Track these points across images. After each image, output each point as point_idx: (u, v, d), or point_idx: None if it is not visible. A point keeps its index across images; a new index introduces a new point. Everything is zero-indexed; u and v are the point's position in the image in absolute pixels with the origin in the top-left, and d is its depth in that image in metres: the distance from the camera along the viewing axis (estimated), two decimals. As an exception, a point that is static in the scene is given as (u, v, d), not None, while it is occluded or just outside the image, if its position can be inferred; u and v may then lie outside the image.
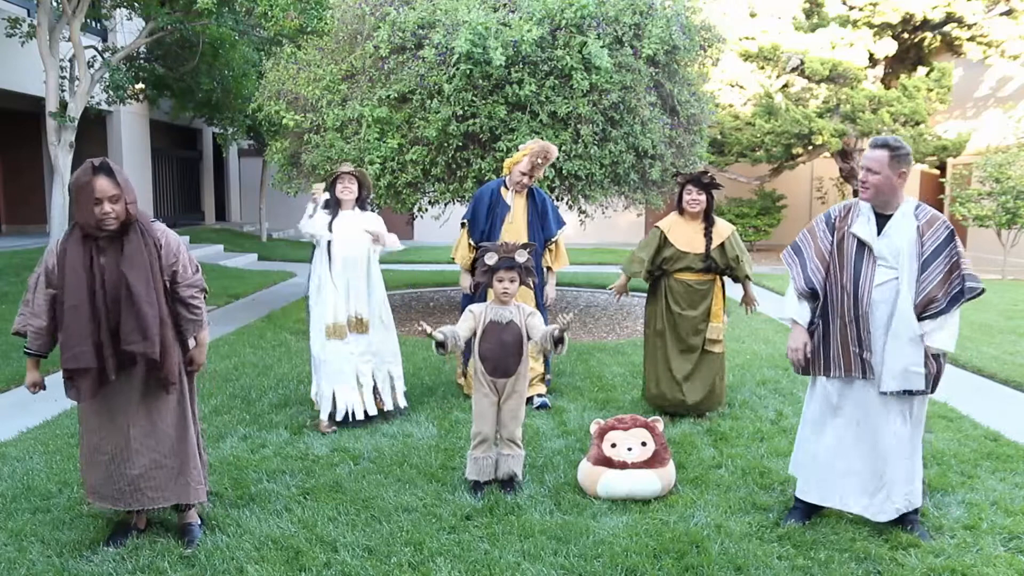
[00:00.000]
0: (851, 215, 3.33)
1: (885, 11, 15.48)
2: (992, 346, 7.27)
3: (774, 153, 16.17)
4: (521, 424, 3.80)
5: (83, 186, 2.86)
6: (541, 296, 5.22)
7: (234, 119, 14.45)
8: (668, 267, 4.86)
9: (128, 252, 2.93)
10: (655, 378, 4.95)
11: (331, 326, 4.66)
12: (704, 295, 4.86)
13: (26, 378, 3.21)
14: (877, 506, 3.29)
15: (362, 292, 4.75)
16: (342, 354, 4.69)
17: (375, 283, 4.83)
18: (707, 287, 4.87)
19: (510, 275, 3.67)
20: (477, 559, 3.07)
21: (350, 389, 4.70)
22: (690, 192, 4.80)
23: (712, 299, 4.88)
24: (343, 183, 4.71)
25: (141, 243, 2.96)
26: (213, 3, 8.78)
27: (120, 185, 2.89)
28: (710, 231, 4.80)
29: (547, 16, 7.01)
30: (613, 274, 13.16)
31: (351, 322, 4.73)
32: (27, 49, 10.84)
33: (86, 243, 2.93)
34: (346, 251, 4.66)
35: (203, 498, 3.24)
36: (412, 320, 8.73)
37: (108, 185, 2.87)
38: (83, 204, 2.87)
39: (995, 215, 13.20)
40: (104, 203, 2.86)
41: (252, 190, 21.33)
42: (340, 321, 4.68)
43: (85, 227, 2.91)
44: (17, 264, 10.30)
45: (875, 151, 3.23)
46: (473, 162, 7.27)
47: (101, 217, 2.87)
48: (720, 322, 4.87)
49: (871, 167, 3.22)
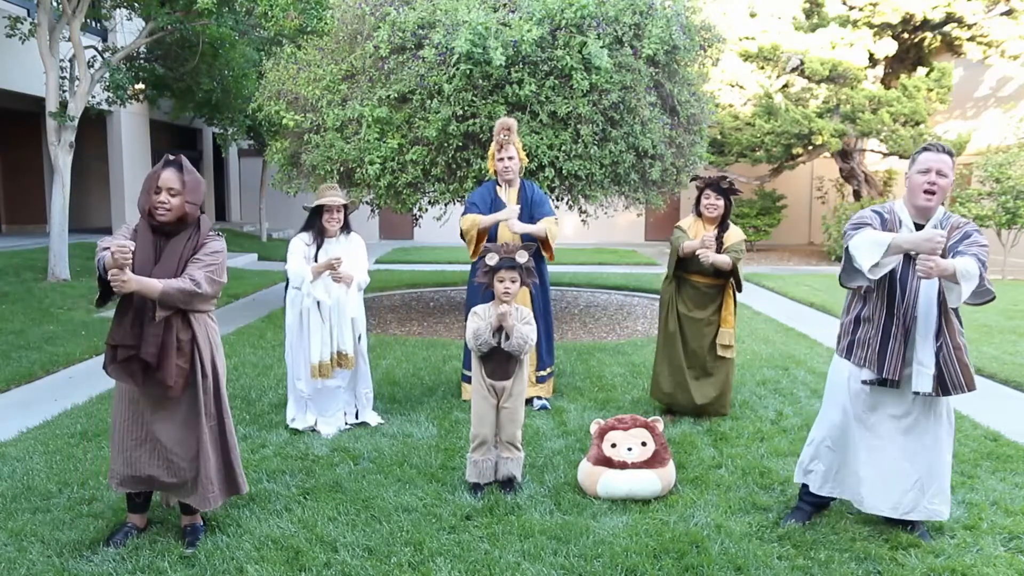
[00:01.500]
0: (894, 223, 3.20)
1: (885, 11, 15.48)
2: (992, 346, 7.27)
3: (774, 153, 16.17)
4: (520, 426, 3.80)
5: (152, 174, 3.03)
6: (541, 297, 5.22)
7: (234, 119, 14.45)
8: (682, 269, 4.90)
9: (169, 249, 3.01)
10: (665, 377, 4.95)
11: (316, 366, 4.55)
12: (713, 298, 4.88)
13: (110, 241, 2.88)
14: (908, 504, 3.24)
15: (346, 327, 4.61)
16: (329, 389, 4.64)
17: (358, 316, 4.71)
18: (715, 291, 4.89)
19: (511, 275, 3.69)
20: (477, 559, 3.07)
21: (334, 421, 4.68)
22: (708, 197, 4.82)
23: (722, 303, 4.89)
24: (329, 213, 4.55)
25: (183, 242, 3.03)
26: (213, 3, 8.78)
27: (184, 182, 3.01)
28: (721, 237, 4.82)
29: (547, 16, 7.01)
30: (613, 274, 13.20)
31: (334, 359, 4.60)
32: (27, 49, 10.84)
33: (153, 232, 3.04)
34: (331, 285, 4.50)
35: (213, 507, 3.21)
36: (412, 320, 8.73)
37: (172, 177, 3.00)
38: (145, 191, 3.02)
39: (995, 215, 13.21)
40: (163, 193, 2.98)
41: (252, 190, 21.34)
42: (325, 360, 4.57)
43: (144, 215, 3.03)
44: (17, 264, 10.31)
45: (943, 155, 3.10)
46: (473, 162, 7.26)
47: (156, 205, 2.98)
48: (731, 328, 4.89)
49: (943, 171, 3.09)
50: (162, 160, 3.05)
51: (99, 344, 6.90)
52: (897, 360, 3.15)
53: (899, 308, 3.15)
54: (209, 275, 3.02)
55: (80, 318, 8.21)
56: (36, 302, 8.63)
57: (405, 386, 5.63)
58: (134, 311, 2.98)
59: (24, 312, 8.16)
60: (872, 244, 3.00)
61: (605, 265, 15.45)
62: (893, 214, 3.22)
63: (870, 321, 3.24)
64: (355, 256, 4.63)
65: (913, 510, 3.25)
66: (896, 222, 3.20)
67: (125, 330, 2.97)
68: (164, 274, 2.97)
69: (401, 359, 6.53)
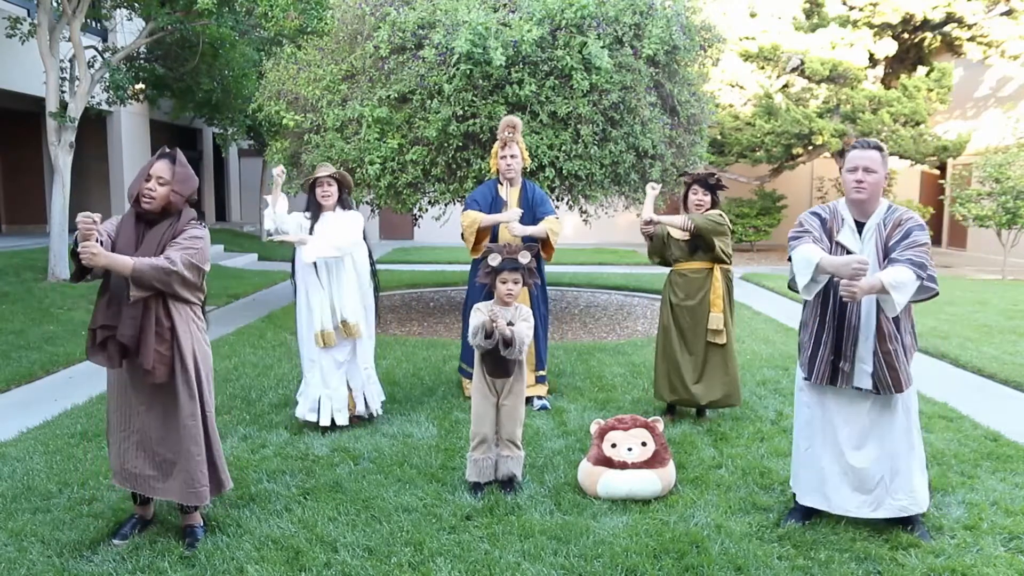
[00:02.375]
0: (835, 222, 3.27)
1: (885, 11, 15.49)
2: (992, 346, 7.27)
3: (774, 153, 16.18)
4: (520, 425, 3.80)
5: (146, 164, 3.13)
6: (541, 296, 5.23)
7: (234, 119, 14.45)
8: (670, 257, 4.94)
9: (150, 235, 3.09)
10: (664, 374, 4.95)
11: (319, 334, 4.59)
12: (700, 284, 4.86)
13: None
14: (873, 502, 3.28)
15: (347, 295, 4.63)
16: (331, 362, 4.66)
17: (365, 287, 4.75)
18: (702, 276, 4.87)
19: (513, 276, 3.69)
20: (477, 559, 3.07)
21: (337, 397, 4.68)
22: (696, 192, 4.86)
23: (710, 289, 4.87)
24: (321, 187, 4.62)
25: (163, 229, 3.10)
26: (213, 3, 8.78)
27: (174, 172, 3.10)
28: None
29: (547, 16, 7.01)
30: (613, 274, 13.20)
31: (339, 328, 4.63)
32: (27, 49, 10.84)
33: (137, 220, 3.12)
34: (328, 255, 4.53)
35: (202, 501, 3.21)
36: (412, 320, 8.73)
37: (163, 168, 3.09)
38: (136, 179, 3.11)
39: (995, 215, 13.21)
40: (152, 180, 3.07)
41: (252, 190, 21.33)
42: (328, 328, 4.60)
43: (130, 198, 3.10)
44: (17, 264, 10.30)
45: (869, 151, 3.18)
46: (473, 162, 7.26)
47: (143, 191, 3.06)
48: (720, 312, 4.86)
49: (869, 167, 3.17)
50: (158, 152, 3.17)
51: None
52: (824, 366, 3.25)
53: (831, 316, 3.23)
54: (187, 257, 3.03)
55: (80, 318, 8.21)
56: (36, 302, 8.63)
57: (405, 386, 5.64)
58: (111, 293, 3.04)
59: (24, 312, 8.16)
60: (805, 263, 3.10)
61: (605, 265, 15.45)
62: (836, 213, 3.29)
63: (806, 326, 3.36)
64: (340, 225, 4.61)
65: (879, 507, 3.28)
66: (838, 221, 3.27)
67: (102, 312, 3.05)
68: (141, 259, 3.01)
69: (401, 359, 6.53)
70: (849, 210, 3.27)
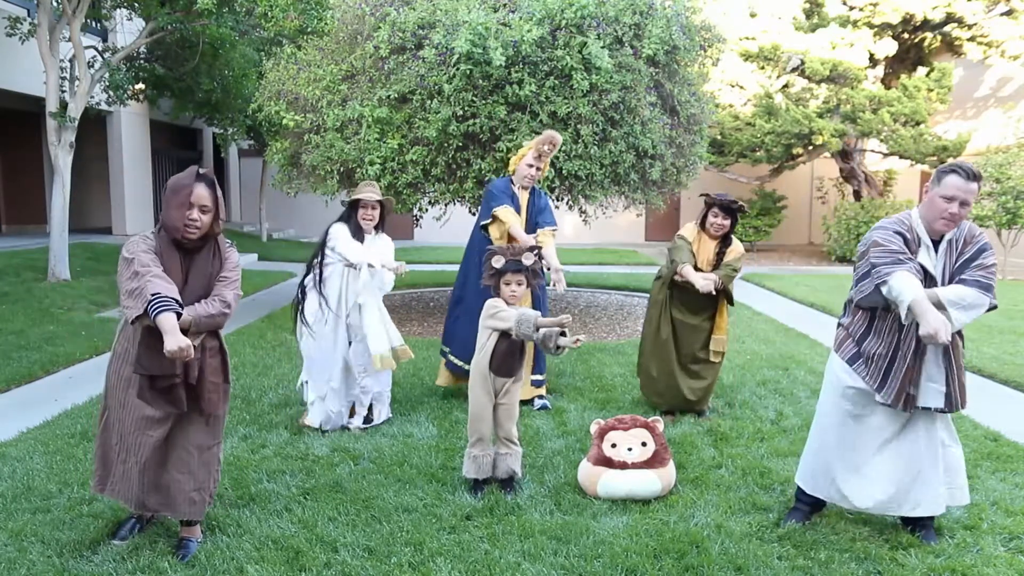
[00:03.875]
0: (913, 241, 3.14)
1: (885, 11, 15.49)
2: (992, 346, 7.27)
3: (774, 153, 16.18)
4: (515, 421, 3.81)
5: (181, 188, 2.87)
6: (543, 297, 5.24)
7: (234, 119, 14.45)
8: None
9: (196, 268, 2.97)
10: (651, 378, 4.97)
11: (379, 358, 4.57)
12: (707, 305, 4.88)
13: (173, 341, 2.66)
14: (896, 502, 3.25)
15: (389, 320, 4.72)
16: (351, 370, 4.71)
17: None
18: (711, 297, 4.88)
19: (517, 278, 3.69)
20: (477, 559, 3.07)
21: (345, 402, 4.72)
22: (716, 216, 4.79)
23: (716, 311, 4.89)
24: (365, 210, 4.56)
25: (208, 260, 3.00)
26: (213, 3, 8.78)
27: (216, 199, 2.94)
28: (724, 251, 4.83)
29: (547, 16, 7.01)
30: (613, 274, 13.20)
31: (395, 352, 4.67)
32: (27, 49, 10.84)
33: (179, 247, 2.94)
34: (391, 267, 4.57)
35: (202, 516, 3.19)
36: (412, 320, 8.73)
37: (205, 195, 2.90)
38: (175, 206, 2.87)
39: (995, 215, 13.21)
40: (195, 210, 2.88)
41: (252, 190, 21.33)
42: (386, 353, 4.61)
43: (170, 230, 2.90)
44: (17, 264, 10.31)
45: (972, 184, 3.00)
46: (473, 162, 7.27)
47: (188, 223, 2.88)
48: (724, 335, 4.90)
49: (968, 201, 3.00)
50: (190, 172, 2.94)
51: (99, 344, 6.91)
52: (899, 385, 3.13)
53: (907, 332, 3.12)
54: (236, 291, 3.06)
55: (80, 318, 8.21)
56: (36, 302, 8.63)
57: (405, 386, 5.64)
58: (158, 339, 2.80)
59: (24, 312, 8.16)
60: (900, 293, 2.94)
61: (605, 265, 15.45)
62: (913, 231, 3.15)
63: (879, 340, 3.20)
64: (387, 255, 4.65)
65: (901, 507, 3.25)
66: (916, 241, 3.15)
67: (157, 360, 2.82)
68: (193, 294, 2.95)
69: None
70: (924, 227, 3.15)
